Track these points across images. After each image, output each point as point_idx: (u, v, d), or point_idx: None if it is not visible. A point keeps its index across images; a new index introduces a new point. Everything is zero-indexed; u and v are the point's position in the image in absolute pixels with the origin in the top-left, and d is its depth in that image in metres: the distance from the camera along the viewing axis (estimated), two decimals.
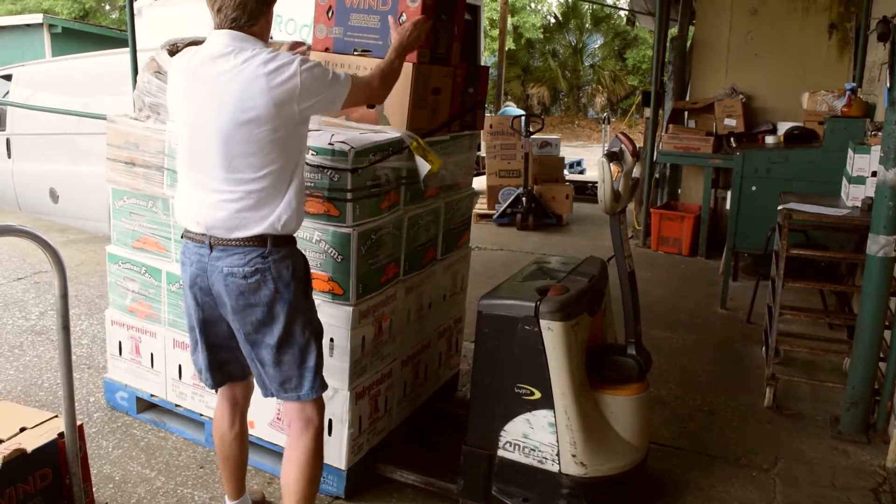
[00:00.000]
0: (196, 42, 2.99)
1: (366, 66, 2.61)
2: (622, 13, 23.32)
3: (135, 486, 2.80)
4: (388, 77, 2.38)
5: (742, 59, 6.95)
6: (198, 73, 2.10)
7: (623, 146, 2.58)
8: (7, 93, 7.69)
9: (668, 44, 7.56)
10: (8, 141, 7.55)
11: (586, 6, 24.02)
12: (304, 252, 2.32)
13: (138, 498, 2.73)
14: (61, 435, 2.23)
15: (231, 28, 2.10)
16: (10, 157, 7.57)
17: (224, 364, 2.36)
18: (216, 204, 2.11)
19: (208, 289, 2.19)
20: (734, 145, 6.52)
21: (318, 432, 2.28)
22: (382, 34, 2.74)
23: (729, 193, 5.62)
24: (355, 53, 2.81)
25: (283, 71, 2.03)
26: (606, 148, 2.69)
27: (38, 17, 17.11)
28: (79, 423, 2.27)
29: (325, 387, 2.27)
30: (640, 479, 2.70)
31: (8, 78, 7.80)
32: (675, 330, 4.71)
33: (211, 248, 2.14)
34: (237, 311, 2.15)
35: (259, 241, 2.11)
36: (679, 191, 7.58)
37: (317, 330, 2.26)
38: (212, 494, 2.77)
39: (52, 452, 2.21)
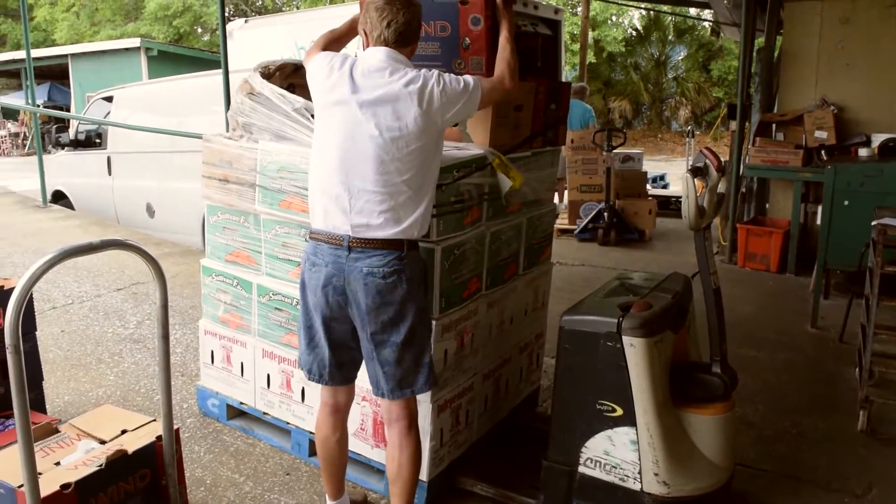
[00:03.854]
0: (287, 64, 3.12)
1: None
2: (706, 24, 22.88)
3: (225, 489, 2.91)
4: (514, 69, 2.50)
5: (833, 69, 6.72)
6: (357, 85, 2.27)
7: (707, 161, 2.55)
8: (108, 113, 8.11)
9: (754, 54, 7.38)
10: (109, 159, 7.96)
11: (669, 18, 23.63)
12: None
13: (228, 501, 2.84)
14: (159, 438, 2.34)
15: (391, 45, 2.31)
16: (110, 174, 7.97)
17: (342, 365, 2.45)
18: (364, 207, 2.25)
19: (342, 289, 2.28)
20: (825, 158, 6.30)
21: (418, 427, 2.46)
22: (445, 60, 2.74)
23: (820, 208, 5.44)
24: None
25: (428, 87, 2.25)
26: (691, 163, 2.66)
27: (135, 42, 17.99)
28: (175, 427, 2.38)
29: (437, 382, 2.46)
30: (725, 500, 2.63)
31: (109, 99, 8.23)
32: (763, 349, 4.58)
33: (349, 249, 2.26)
34: (371, 311, 2.27)
35: (397, 243, 2.27)
36: (767, 205, 7.36)
37: (430, 328, 2.50)
38: (297, 501, 2.85)
39: (150, 454, 2.33)
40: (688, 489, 2.46)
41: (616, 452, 2.48)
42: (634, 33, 25.46)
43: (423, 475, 2.72)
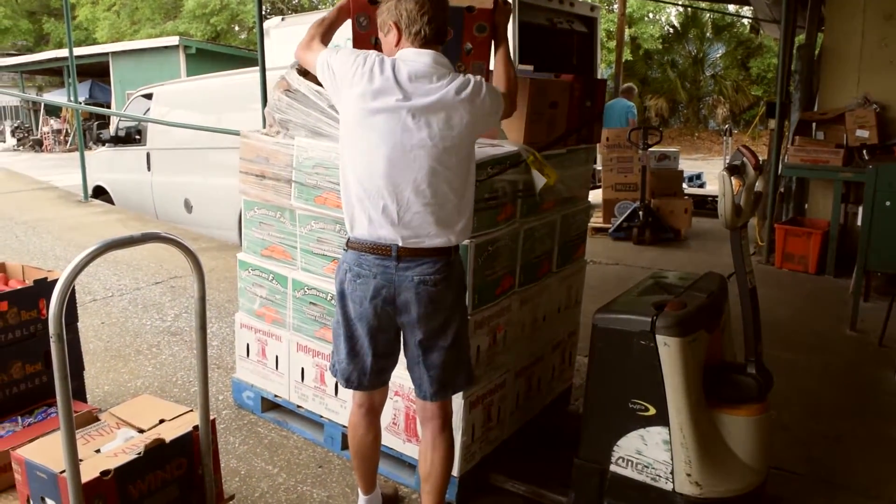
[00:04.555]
0: None
1: None
2: (745, 21, 22.54)
3: (258, 480, 2.96)
4: (515, 88, 2.47)
5: (875, 67, 6.58)
6: (406, 91, 2.16)
7: (745, 159, 2.52)
8: (147, 110, 8.25)
9: (794, 52, 7.26)
10: (148, 155, 8.10)
11: (707, 15, 23.33)
12: None
13: (262, 492, 2.88)
14: (195, 428, 2.38)
15: (430, 43, 2.24)
16: (149, 169, 8.11)
17: (381, 371, 2.44)
18: (413, 218, 2.21)
19: (392, 299, 2.24)
20: (867, 158, 6.18)
21: (451, 427, 2.49)
22: None
23: (860, 209, 5.33)
24: None
25: (478, 94, 2.22)
26: (728, 161, 2.63)
27: (174, 40, 18.25)
28: (211, 418, 2.42)
29: (475, 379, 2.53)
30: (758, 503, 2.61)
31: (149, 97, 8.37)
32: (800, 351, 4.51)
33: (398, 259, 2.21)
34: (422, 318, 2.26)
35: (445, 250, 2.27)
36: (806, 206, 7.24)
37: (468, 328, 2.52)
38: (329, 493, 2.88)
39: (187, 444, 2.37)
40: (720, 490, 2.43)
41: (648, 452, 2.46)
42: (671, 30, 25.18)
43: (455, 470, 2.73)
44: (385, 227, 2.21)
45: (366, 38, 2.62)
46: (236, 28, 26.95)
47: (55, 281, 2.81)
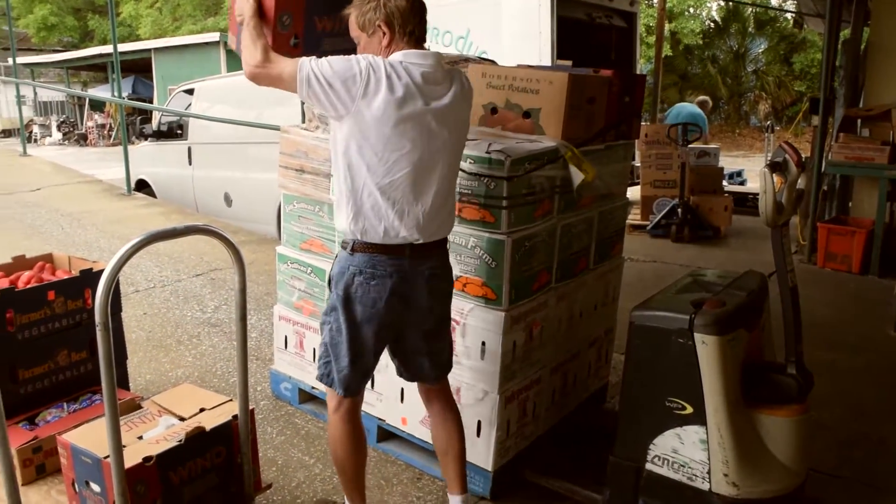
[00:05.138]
0: None
1: None
2: (788, 16, 22.13)
3: (295, 470, 3.00)
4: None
5: None
6: (426, 95, 2.16)
7: (787, 156, 2.48)
8: (189, 105, 8.37)
9: (839, 47, 7.11)
10: (189, 149, 8.23)
11: (749, 9, 22.94)
12: (459, 257, 2.58)
13: (298, 482, 2.92)
14: (235, 417, 2.43)
15: (422, 43, 2.25)
16: (190, 164, 8.24)
17: (375, 371, 2.47)
18: (434, 217, 2.25)
19: (406, 295, 2.27)
20: None
21: (454, 398, 2.58)
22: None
23: None
24: None
25: (470, 88, 2.34)
26: (769, 158, 2.59)
27: (215, 36, 18.46)
28: (249, 408, 2.47)
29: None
30: None
31: (190, 92, 8.50)
32: (842, 352, 4.43)
33: (411, 256, 2.24)
34: (430, 310, 2.34)
35: (445, 241, 2.37)
36: (849, 204, 7.10)
37: None
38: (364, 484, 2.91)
39: (226, 433, 2.42)
40: (758, 491, 2.41)
41: (685, 451, 2.44)
42: (712, 25, 24.81)
43: (489, 465, 2.75)
44: (405, 229, 2.20)
45: (286, 39, 2.41)
46: None
47: (100, 272, 2.87)
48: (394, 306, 2.26)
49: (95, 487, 2.22)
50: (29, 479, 2.55)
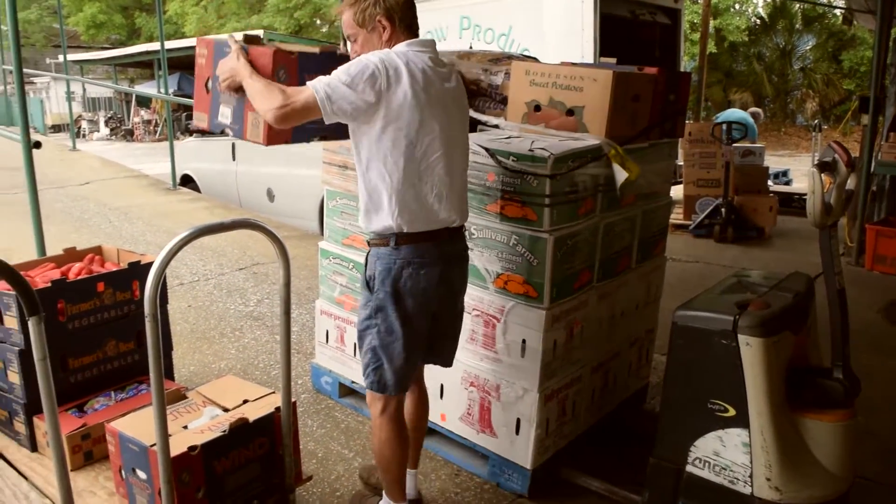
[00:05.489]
0: None
1: None
2: (837, 12, 21.63)
3: (335, 463, 3.03)
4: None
5: None
6: (440, 84, 2.24)
7: (836, 156, 2.44)
8: None
9: (890, 44, 6.94)
10: (233, 145, 8.34)
11: (796, 6, 22.49)
12: (500, 254, 2.60)
13: (337, 475, 2.95)
14: (277, 409, 2.46)
15: (417, 34, 2.30)
16: (234, 159, 8.36)
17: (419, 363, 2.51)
18: (462, 194, 2.38)
19: (450, 280, 2.35)
20: None
21: None
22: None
23: None
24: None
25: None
26: (818, 157, 2.55)
27: (258, 33, 18.61)
28: (292, 400, 2.50)
29: None
30: None
31: None
32: (891, 356, 4.32)
33: (449, 240, 2.33)
34: (461, 291, 2.47)
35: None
36: None
37: None
38: None
39: (269, 424, 2.45)
40: (801, 497, 2.37)
41: (726, 454, 2.42)
42: (758, 22, 24.38)
43: (528, 463, 2.75)
44: (444, 211, 2.27)
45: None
46: (318, 22, 27.41)
47: (148, 264, 2.95)
48: (442, 293, 2.32)
49: (142, 474, 2.27)
50: (77, 465, 2.61)
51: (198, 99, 2.47)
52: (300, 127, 2.26)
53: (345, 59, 2.30)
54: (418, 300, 2.27)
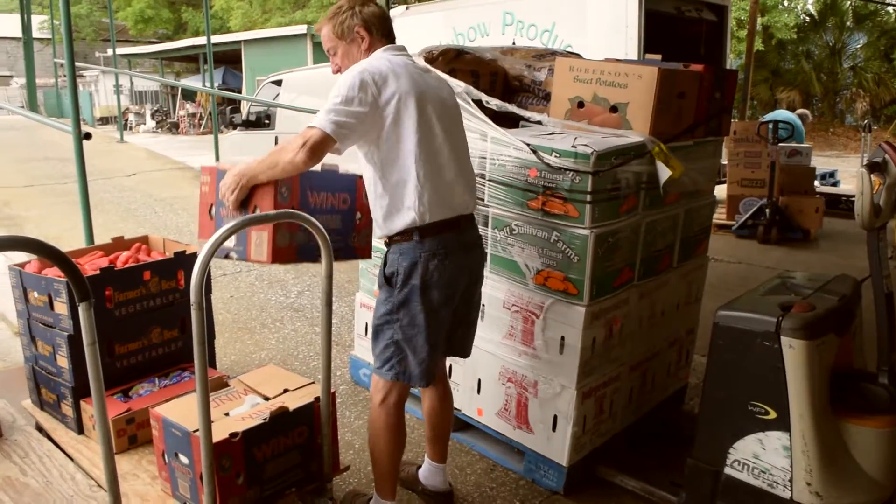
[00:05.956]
0: (450, 50, 3.20)
1: None
2: (891, 9, 21.09)
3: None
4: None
5: None
6: (428, 82, 2.33)
7: (887, 156, 2.39)
8: (276, 96, 8.59)
9: None
10: (276, 139, 8.45)
11: (848, 3, 21.97)
12: (541, 250, 2.61)
13: None
14: (317, 399, 2.49)
15: (394, 39, 2.41)
16: None
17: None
18: (471, 180, 2.44)
19: (472, 268, 2.39)
20: None
21: None
22: (345, 233, 2.54)
23: None
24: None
25: None
26: (867, 158, 2.50)
27: (302, 29, 18.88)
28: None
29: None
30: None
31: (278, 83, 8.72)
32: None
33: (468, 227, 2.39)
34: (481, 278, 2.50)
35: None
36: None
37: None
38: None
39: (308, 413, 2.48)
40: (842, 503, 2.33)
41: (766, 457, 2.39)
42: (808, 19, 23.87)
43: (563, 460, 2.75)
44: (458, 196, 2.33)
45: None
46: None
47: (193, 254, 3.01)
48: (465, 282, 2.37)
49: (184, 459, 2.32)
50: (122, 448, 2.68)
51: (202, 226, 2.48)
52: (306, 247, 2.33)
53: (347, 176, 2.50)
54: (444, 291, 2.30)
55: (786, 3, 23.68)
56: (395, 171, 2.26)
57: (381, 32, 2.36)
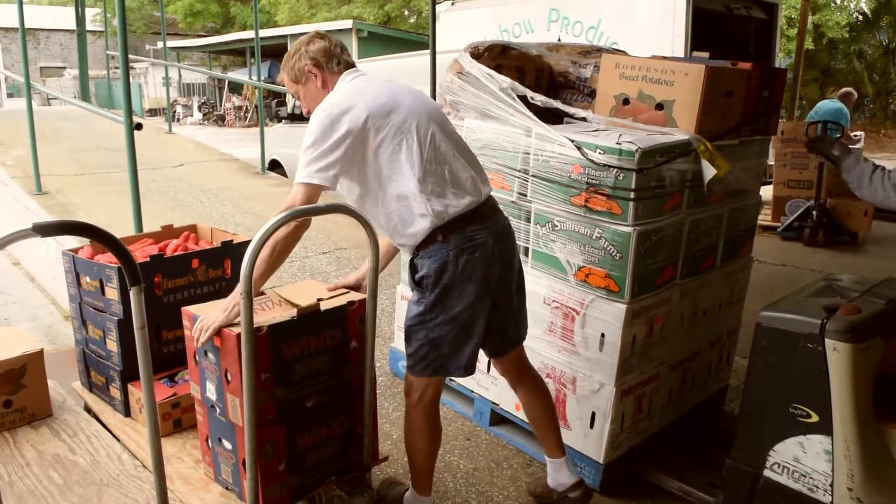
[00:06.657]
0: (496, 46, 3.21)
1: None
2: None
3: None
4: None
5: None
6: (391, 90, 2.33)
7: None
8: None
9: None
10: None
11: None
12: (583, 247, 2.61)
13: None
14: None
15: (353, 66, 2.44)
16: None
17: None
18: (477, 167, 2.43)
19: (501, 255, 2.35)
20: None
21: None
22: (336, 368, 2.42)
23: None
24: None
25: None
26: None
27: (348, 23, 19.03)
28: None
29: None
30: None
31: None
32: None
33: (491, 214, 2.36)
34: (515, 262, 2.45)
35: None
36: None
37: None
38: (475, 465, 2.97)
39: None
40: None
41: (807, 460, 2.36)
42: (861, 18, 23.29)
43: (600, 457, 2.75)
44: (466, 186, 2.32)
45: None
46: (406, 13, 27.63)
47: (239, 244, 3.06)
48: (499, 269, 2.34)
49: (227, 444, 2.37)
50: (167, 432, 2.74)
51: (191, 370, 2.50)
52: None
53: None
54: (478, 285, 2.29)
55: (838, 2, 23.13)
56: (397, 183, 2.27)
57: (333, 63, 2.39)
